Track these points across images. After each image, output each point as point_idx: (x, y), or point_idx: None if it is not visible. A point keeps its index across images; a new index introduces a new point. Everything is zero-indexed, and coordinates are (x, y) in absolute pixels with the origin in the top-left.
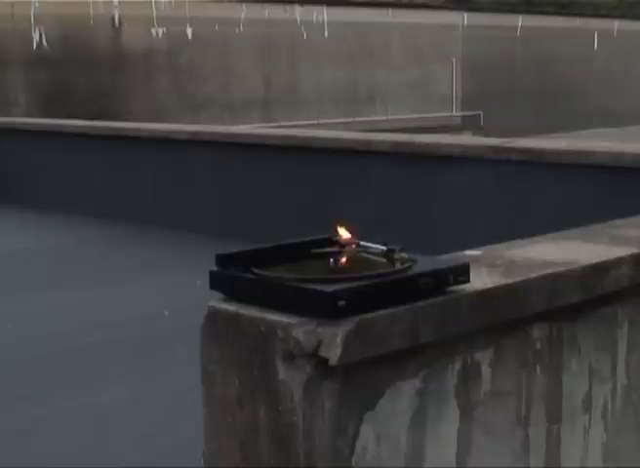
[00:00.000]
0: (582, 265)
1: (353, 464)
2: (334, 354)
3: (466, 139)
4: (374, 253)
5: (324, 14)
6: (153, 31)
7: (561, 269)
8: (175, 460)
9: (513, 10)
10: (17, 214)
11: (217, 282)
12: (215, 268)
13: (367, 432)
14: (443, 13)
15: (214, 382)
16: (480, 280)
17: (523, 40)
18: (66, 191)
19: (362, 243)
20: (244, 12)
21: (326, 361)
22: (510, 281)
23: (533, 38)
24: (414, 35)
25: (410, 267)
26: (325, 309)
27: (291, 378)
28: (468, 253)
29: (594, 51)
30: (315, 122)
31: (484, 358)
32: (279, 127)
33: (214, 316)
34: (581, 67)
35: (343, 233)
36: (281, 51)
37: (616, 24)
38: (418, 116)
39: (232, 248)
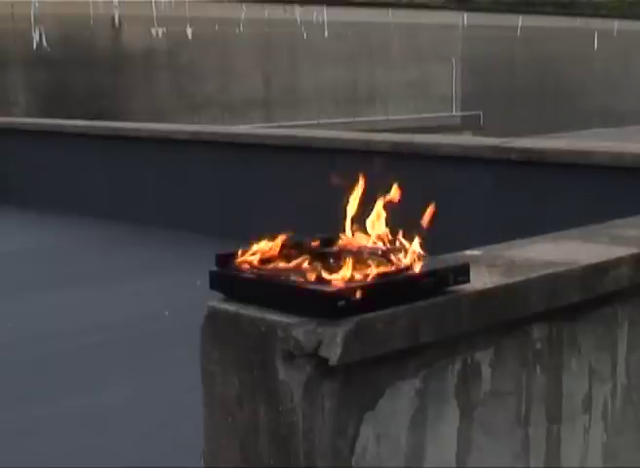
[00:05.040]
0: (582, 265)
1: (353, 464)
2: (334, 354)
3: (466, 139)
4: (374, 253)
5: (324, 14)
6: (153, 31)
7: (561, 269)
8: (175, 460)
9: (513, 10)
10: (17, 214)
11: (217, 282)
12: (215, 268)
13: (367, 432)
14: (443, 13)
15: (214, 382)
16: (480, 280)
17: (523, 40)
18: (66, 191)
19: (362, 242)
20: (244, 12)
21: (326, 361)
22: (510, 281)
23: (533, 38)
24: (414, 35)
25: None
26: (325, 309)
27: (291, 378)
28: (468, 253)
29: (594, 51)
30: (315, 122)
31: (484, 358)
32: (279, 127)
33: (214, 316)
34: (581, 67)
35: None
36: (281, 51)
37: (616, 24)
38: (417, 116)
39: (232, 248)
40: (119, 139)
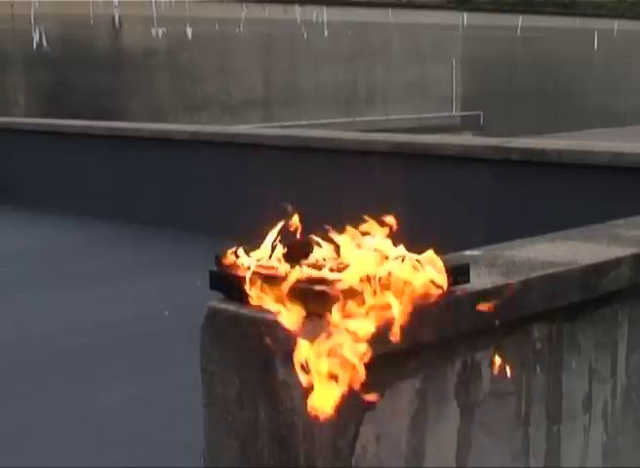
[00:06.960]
0: (582, 265)
1: (353, 464)
2: None
3: (466, 139)
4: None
5: (324, 14)
6: (153, 31)
7: (561, 269)
8: (175, 460)
9: (513, 10)
10: (16, 215)
11: (217, 282)
12: (215, 268)
13: (367, 432)
14: (443, 13)
15: (214, 382)
16: (480, 280)
17: (523, 40)
18: (66, 191)
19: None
20: (244, 12)
21: None
22: (510, 281)
23: (533, 38)
24: (414, 35)
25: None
26: (325, 309)
27: (291, 378)
28: (468, 253)
29: (594, 51)
30: (315, 122)
31: (484, 358)
32: (279, 127)
33: (214, 316)
34: (581, 67)
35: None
36: (281, 51)
37: (616, 24)
38: (417, 116)
39: (232, 247)
40: (119, 139)
